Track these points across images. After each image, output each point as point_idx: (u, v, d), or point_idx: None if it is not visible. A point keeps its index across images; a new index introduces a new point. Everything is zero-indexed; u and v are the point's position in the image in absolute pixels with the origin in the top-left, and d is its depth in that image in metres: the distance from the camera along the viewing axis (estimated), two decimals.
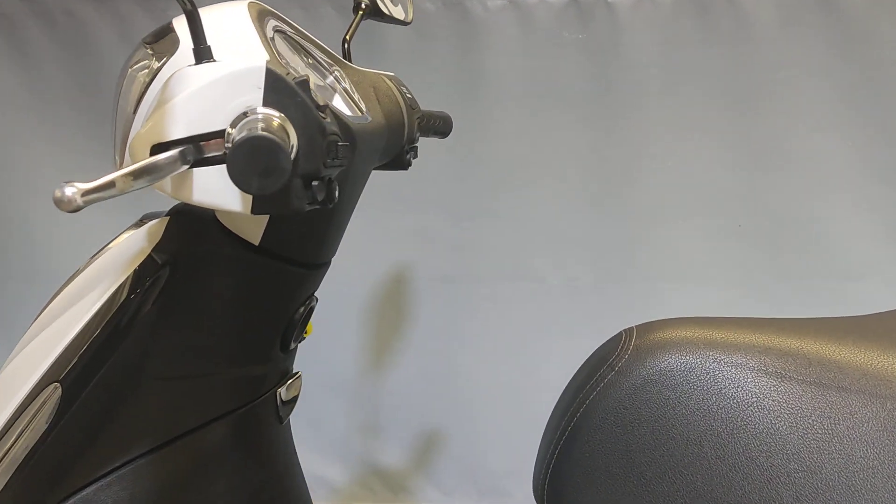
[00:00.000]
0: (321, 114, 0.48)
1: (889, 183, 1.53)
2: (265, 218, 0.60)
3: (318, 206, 0.54)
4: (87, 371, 0.57)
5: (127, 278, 0.58)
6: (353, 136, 0.60)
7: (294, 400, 0.74)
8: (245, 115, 0.47)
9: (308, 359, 1.71)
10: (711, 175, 1.56)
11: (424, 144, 1.58)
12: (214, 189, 0.49)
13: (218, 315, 0.61)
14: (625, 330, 0.67)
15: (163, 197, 0.52)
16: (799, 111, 1.51)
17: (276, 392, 0.69)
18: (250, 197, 0.49)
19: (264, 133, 0.44)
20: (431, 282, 1.67)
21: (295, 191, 0.49)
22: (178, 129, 0.48)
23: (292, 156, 0.46)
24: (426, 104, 0.88)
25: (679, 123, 1.54)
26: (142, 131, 0.49)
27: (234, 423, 0.65)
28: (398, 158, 0.79)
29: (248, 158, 0.44)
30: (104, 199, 0.43)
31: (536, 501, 0.68)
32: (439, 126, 0.92)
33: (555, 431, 0.67)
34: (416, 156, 0.83)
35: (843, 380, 0.58)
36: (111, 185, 0.44)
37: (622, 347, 0.65)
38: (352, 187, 0.66)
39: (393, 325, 1.71)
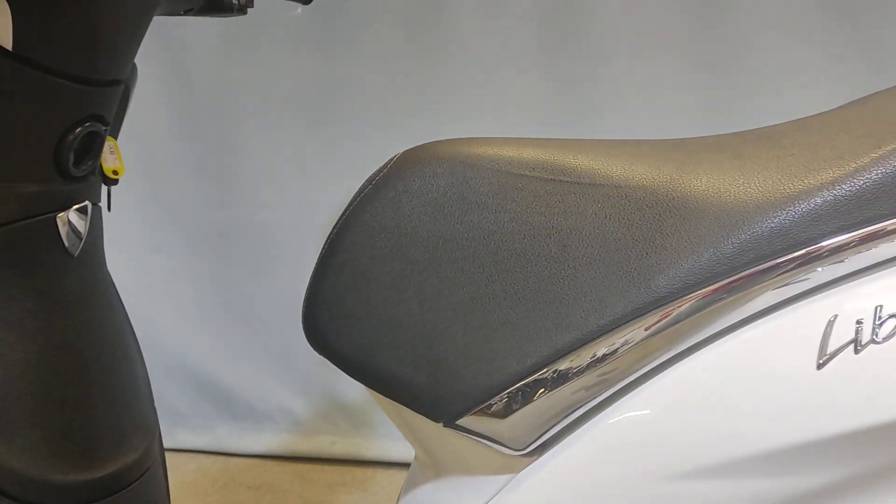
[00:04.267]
0: None
1: None
2: (7, 14, 0.60)
3: None
4: None
5: None
6: None
7: (88, 236, 0.73)
8: None
9: (276, 291, 1.74)
10: None
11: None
12: None
13: None
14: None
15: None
16: None
17: (55, 217, 0.69)
18: None
19: None
20: None
21: None
22: None
23: None
24: None
25: None
26: None
27: (2, 237, 0.66)
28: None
29: None
30: None
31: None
32: None
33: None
34: (250, 4, 0.82)
35: (581, 175, 0.54)
36: None
37: (386, 164, 0.63)
38: None
39: None
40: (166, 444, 1.82)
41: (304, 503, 1.60)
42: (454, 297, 0.55)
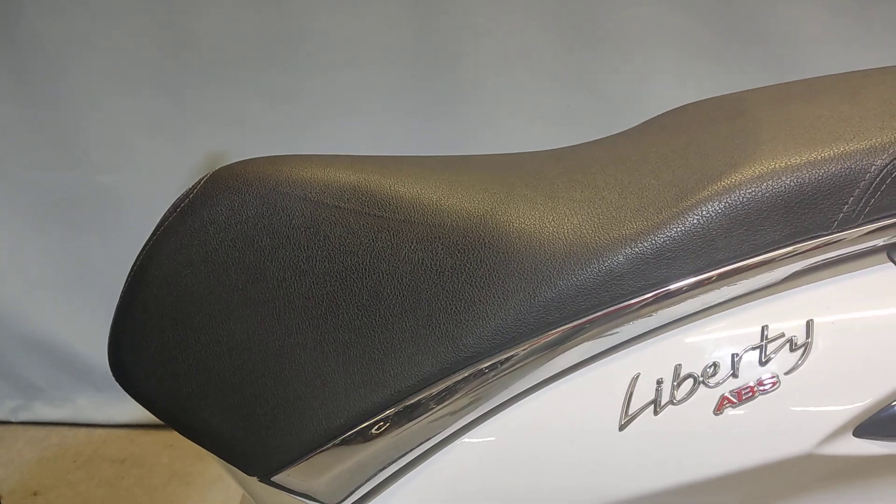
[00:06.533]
0: None
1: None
2: None
3: None
4: None
5: None
6: None
7: None
8: None
9: (129, 255, 1.63)
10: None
11: None
12: None
13: None
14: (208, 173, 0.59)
15: None
16: None
17: None
18: None
19: None
20: None
21: None
22: None
23: None
24: None
25: None
26: None
27: None
28: None
29: None
30: None
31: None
32: None
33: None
34: None
35: (396, 210, 0.51)
36: None
37: (192, 189, 0.58)
38: None
39: None
40: (23, 417, 1.73)
41: (173, 475, 1.56)
42: (265, 345, 0.51)
